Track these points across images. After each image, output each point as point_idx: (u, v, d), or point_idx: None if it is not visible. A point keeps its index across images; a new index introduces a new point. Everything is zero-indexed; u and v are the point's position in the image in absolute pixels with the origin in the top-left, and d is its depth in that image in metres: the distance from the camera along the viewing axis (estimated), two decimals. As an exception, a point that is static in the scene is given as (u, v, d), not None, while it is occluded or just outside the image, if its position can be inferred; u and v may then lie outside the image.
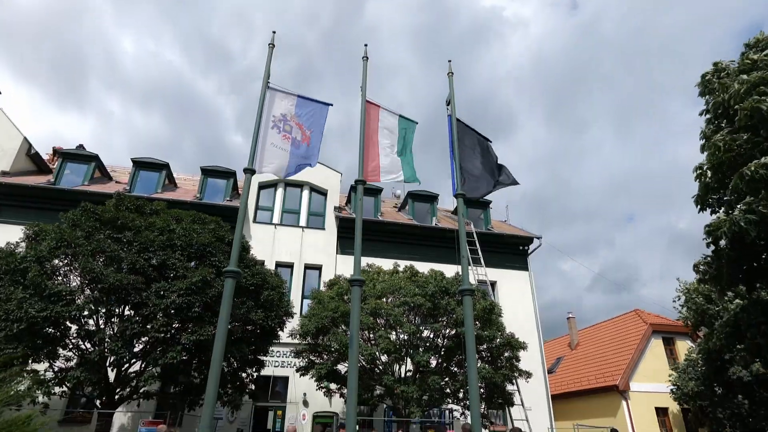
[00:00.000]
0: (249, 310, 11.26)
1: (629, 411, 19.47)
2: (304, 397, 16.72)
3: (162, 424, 9.14)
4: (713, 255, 10.06)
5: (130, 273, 9.51)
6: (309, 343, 13.44)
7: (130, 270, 9.59)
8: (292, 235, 19.14)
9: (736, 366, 16.69)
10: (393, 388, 12.29)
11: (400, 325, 12.04)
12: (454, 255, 19.04)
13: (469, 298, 4.79)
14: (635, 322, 22.76)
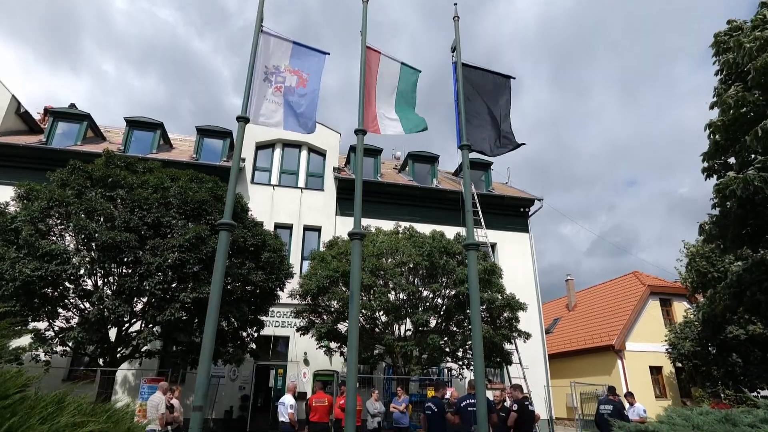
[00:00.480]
0: (249, 271, 11.15)
1: (624, 369, 19.83)
2: (305, 356, 16.92)
3: (163, 382, 9.17)
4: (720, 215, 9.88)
5: (124, 231, 9.31)
6: (309, 303, 13.44)
7: (124, 228, 9.39)
8: (290, 196, 18.88)
9: (733, 326, 16.89)
10: (393, 346, 12.37)
11: (399, 284, 11.97)
12: (454, 216, 18.96)
13: (474, 253, 4.60)
14: (633, 284, 22.89)
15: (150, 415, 8.19)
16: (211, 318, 3.88)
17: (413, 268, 12.97)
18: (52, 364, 13.80)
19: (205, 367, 3.78)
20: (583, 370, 20.86)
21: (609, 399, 9.43)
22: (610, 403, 9.16)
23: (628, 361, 20.00)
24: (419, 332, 13.03)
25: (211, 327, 3.86)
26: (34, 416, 3.14)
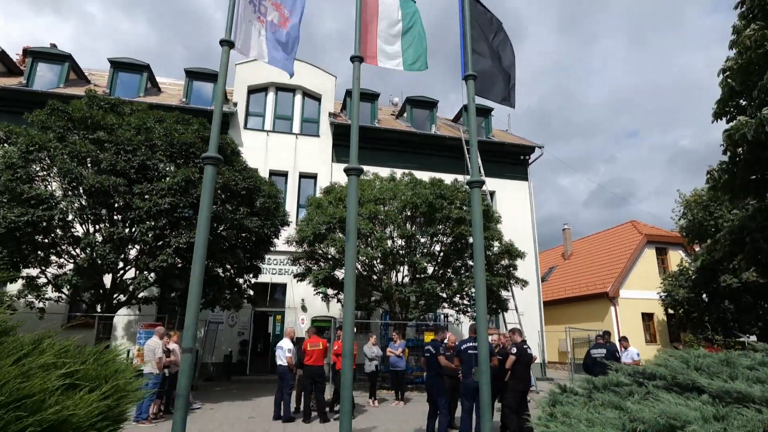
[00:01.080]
0: (243, 216, 10.89)
1: (617, 316, 20.18)
2: (303, 302, 17.04)
3: (160, 327, 9.13)
4: (728, 162, 9.56)
5: (111, 175, 8.94)
6: (306, 250, 13.31)
7: (111, 172, 9.01)
8: (285, 142, 18.35)
9: (727, 275, 17.01)
10: (390, 292, 12.36)
11: (397, 227, 11.78)
12: (453, 164, 18.63)
13: (478, 190, 4.31)
14: (630, 233, 22.90)
15: (147, 358, 8.18)
16: (198, 257, 3.63)
17: (411, 216, 12.76)
18: (50, 311, 13.85)
19: (193, 308, 3.57)
20: (576, 317, 21.24)
21: (600, 343, 9.49)
22: (602, 347, 9.22)
23: (620, 308, 20.33)
24: (416, 279, 13.00)
25: (198, 267, 3.62)
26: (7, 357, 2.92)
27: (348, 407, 3.55)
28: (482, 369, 3.91)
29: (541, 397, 6.63)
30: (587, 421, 4.95)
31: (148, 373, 8.10)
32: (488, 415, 3.81)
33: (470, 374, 6.47)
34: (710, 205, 18.47)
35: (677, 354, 6.55)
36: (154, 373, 8.11)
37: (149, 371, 8.12)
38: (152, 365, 8.13)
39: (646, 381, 6.10)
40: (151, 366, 8.11)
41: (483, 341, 3.97)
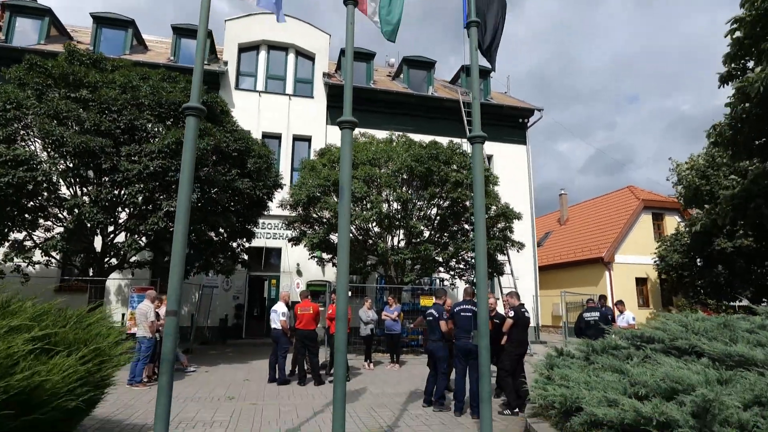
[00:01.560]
0: (234, 178, 10.59)
1: (611, 281, 20.30)
2: (298, 267, 16.95)
3: (151, 290, 8.97)
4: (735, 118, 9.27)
5: (96, 135, 8.55)
6: (300, 213, 13.09)
7: (95, 132, 8.62)
8: (278, 103, 17.79)
9: (722, 239, 17.00)
10: (386, 256, 12.23)
11: (393, 189, 11.54)
12: (451, 127, 18.21)
13: (480, 146, 4.05)
14: (627, 198, 22.77)
15: (139, 322, 8.05)
16: (181, 216, 3.39)
17: (407, 179, 12.51)
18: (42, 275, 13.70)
19: (177, 270, 3.35)
20: (570, 282, 21.34)
21: (592, 306, 9.45)
22: (595, 311, 9.17)
23: (615, 273, 20.43)
24: (412, 243, 12.87)
25: (181, 227, 3.38)
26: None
27: (342, 372, 3.40)
28: (482, 332, 3.76)
29: (537, 360, 6.59)
30: (586, 384, 4.87)
31: (140, 336, 8.01)
32: (487, 378, 3.68)
33: (463, 337, 6.38)
34: (707, 171, 18.26)
35: (675, 318, 6.46)
36: (146, 336, 8.01)
37: (142, 335, 8.02)
38: (144, 329, 8.02)
39: (644, 344, 6.04)
40: (143, 330, 8.01)
41: (483, 303, 3.80)
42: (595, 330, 8.88)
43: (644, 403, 3.59)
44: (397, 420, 5.95)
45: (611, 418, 3.60)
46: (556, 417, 4.53)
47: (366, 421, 5.83)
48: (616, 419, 3.58)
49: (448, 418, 6.07)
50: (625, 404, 3.55)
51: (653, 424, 3.20)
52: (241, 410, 6.34)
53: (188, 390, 7.65)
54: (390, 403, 6.96)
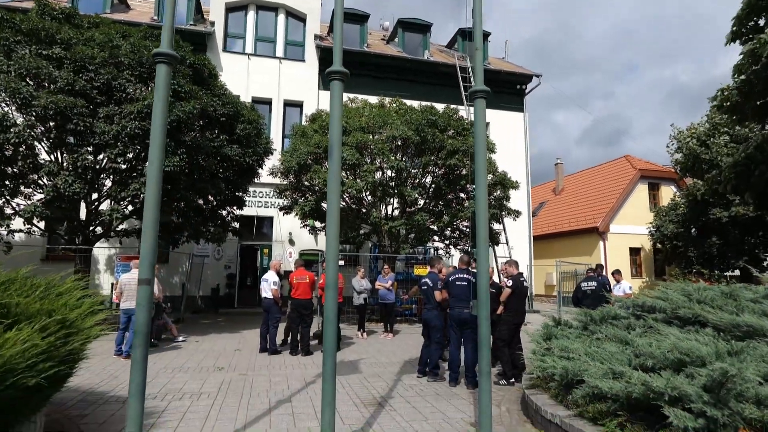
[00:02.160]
0: (223, 144, 10.15)
1: (605, 251, 20.27)
2: (290, 236, 16.69)
3: (137, 259, 8.65)
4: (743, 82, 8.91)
5: (69, 95, 8.04)
6: (291, 181, 12.72)
7: (69, 92, 8.10)
8: (268, 67, 17.11)
9: (717, 209, 16.88)
10: (380, 225, 11.97)
11: (386, 159, 11.17)
12: (446, 93, 17.66)
13: (482, 102, 3.71)
14: (624, 168, 22.53)
15: (126, 292, 7.76)
16: (153, 175, 3.06)
17: (401, 146, 12.12)
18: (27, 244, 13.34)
19: (150, 235, 3.04)
20: (564, 251, 21.31)
21: (591, 276, 9.29)
22: (593, 280, 9.01)
23: (609, 243, 20.39)
24: (406, 212, 12.60)
25: (153, 185, 3.05)
26: None
27: (332, 344, 3.16)
28: (482, 301, 3.51)
29: (534, 330, 6.43)
30: (588, 356, 4.70)
31: (129, 308, 7.74)
32: (487, 350, 3.46)
33: (458, 306, 6.18)
34: (707, 139, 17.98)
35: (678, 287, 6.27)
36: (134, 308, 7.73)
37: (128, 306, 7.76)
38: (133, 300, 7.73)
39: (645, 314, 5.87)
40: (132, 300, 7.72)
41: (484, 271, 3.54)
42: (592, 299, 8.74)
43: (651, 376, 3.40)
44: (390, 390, 5.80)
45: (617, 392, 3.42)
46: (556, 389, 4.36)
47: (359, 392, 5.68)
48: (622, 393, 3.39)
49: (443, 389, 5.93)
50: (632, 377, 3.36)
51: (665, 399, 3.01)
52: (231, 381, 6.16)
53: (177, 360, 7.47)
54: (383, 373, 6.82)
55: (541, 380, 4.90)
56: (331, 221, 3.22)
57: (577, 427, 3.65)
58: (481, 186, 3.55)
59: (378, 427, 4.38)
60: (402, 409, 4.97)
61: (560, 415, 3.90)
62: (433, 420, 4.63)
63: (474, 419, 4.69)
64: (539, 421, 4.30)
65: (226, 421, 4.50)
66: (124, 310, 7.72)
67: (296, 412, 4.83)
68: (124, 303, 7.73)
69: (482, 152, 3.57)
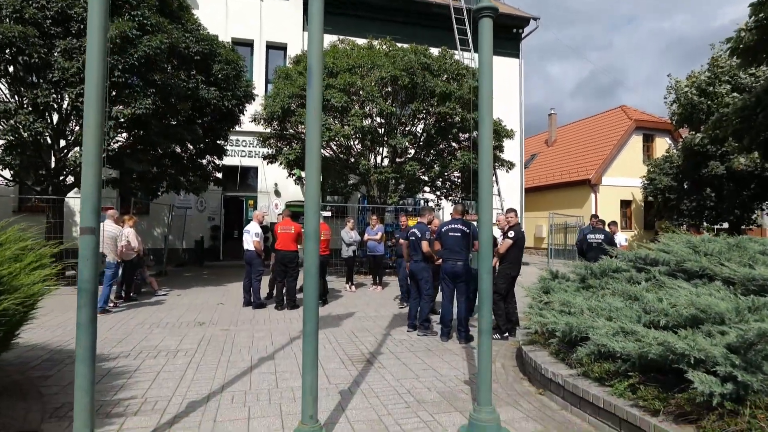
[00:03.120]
0: (198, 86, 9.37)
1: (596, 203, 20.08)
2: (276, 187, 16.14)
3: (111, 210, 8.12)
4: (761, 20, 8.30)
5: (16, 24, 7.16)
6: (275, 129, 12.03)
7: (17, 20, 7.22)
8: (249, 5, 15.89)
9: (714, 162, 16.60)
10: (368, 175, 11.46)
11: (376, 103, 10.51)
12: (440, 35, 16.63)
13: (488, 21, 3.15)
14: (619, 119, 21.99)
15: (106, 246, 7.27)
16: (92, 89, 2.51)
17: (391, 92, 11.42)
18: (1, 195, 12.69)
19: (91, 172, 2.54)
20: (555, 204, 21.10)
21: (599, 228, 8.98)
22: (600, 233, 8.72)
23: (601, 195, 20.17)
24: (396, 163, 12.06)
25: (93, 113, 2.51)
26: None
27: (312, 298, 2.76)
28: (484, 254, 3.11)
29: (531, 284, 6.15)
30: (591, 311, 4.40)
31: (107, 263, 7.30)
32: (488, 307, 3.10)
33: (451, 258, 5.83)
34: (707, 88, 17.43)
35: (682, 238, 5.95)
36: (110, 260, 7.27)
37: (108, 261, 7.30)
38: (109, 252, 7.27)
39: (648, 267, 5.57)
40: (110, 254, 7.26)
41: (487, 220, 3.11)
42: (596, 252, 8.50)
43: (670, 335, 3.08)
44: (380, 346, 5.52)
45: (629, 351, 3.10)
46: (557, 346, 4.07)
47: (346, 348, 5.39)
48: (635, 352, 3.07)
49: (435, 344, 5.68)
50: (647, 336, 3.03)
51: (686, 361, 2.69)
52: (211, 337, 5.84)
53: (156, 315, 7.13)
54: (372, 327, 6.56)
55: (539, 336, 4.62)
56: (312, 160, 2.73)
57: (581, 388, 3.37)
58: (486, 119, 3.07)
59: (366, 386, 4.10)
60: (392, 367, 4.69)
61: (562, 374, 3.62)
62: (425, 378, 4.35)
63: (468, 376, 4.43)
64: (538, 379, 4.04)
65: (203, 381, 4.18)
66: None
67: (279, 370, 4.52)
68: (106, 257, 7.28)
69: (488, 79, 3.05)
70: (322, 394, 3.85)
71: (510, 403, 3.76)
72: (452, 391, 4.00)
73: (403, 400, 3.78)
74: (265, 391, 3.93)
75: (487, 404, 3.00)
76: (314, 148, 2.74)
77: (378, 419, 3.38)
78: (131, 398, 3.73)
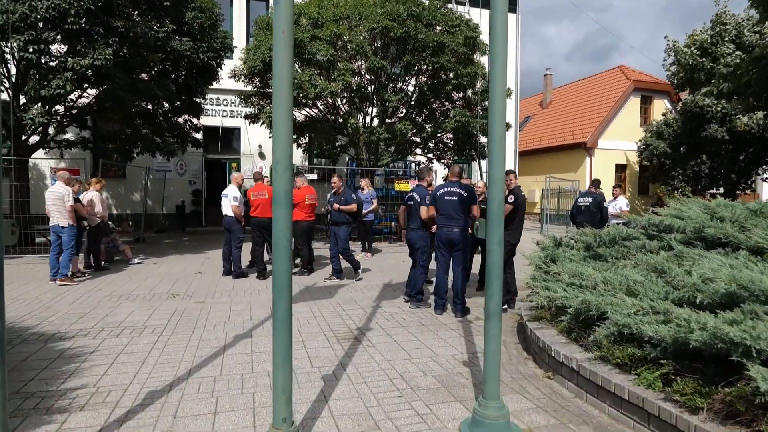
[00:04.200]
0: (169, 35, 8.49)
1: (591, 167, 19.61)
2: (260, 148, 15.38)
3: (63, 171, 7.36)
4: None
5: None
6: (257, 85, 11.19)
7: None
8: (225, -51, 14.61)
9: (714, 125, 16.09)
10: (357, 135, 10.79)
11: (365, 58, 9.72)
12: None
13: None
14: (618, 79, 21.23)
15: (53, 208, 6.62)
16: None
17: (381, 47, 10.59)
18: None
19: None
20: (549, 168, 20.59)
21: (589, 192, 8.51)
22: (589, 195, 8.26)
23: (596, 159, 19.69)
24: (386, 123, 11.35)
25: None
26: None
27: (285, 278, 2.21)
28: (493, 220, 2.57)
29: (533, 252, 5.68)
30: (606, 284, 3.93)
31: (57, 225, 6.66)
32: (497, 284, 2.59)
33: (447, 225, 5.32)
34: (709, 47, 16.72)
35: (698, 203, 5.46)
36: (63, 225, 6.62)
37: (55, 222, 6.66)
38: (62, 216, 6.62)
39: (661, 234, 5.11)
40: (61, 217, 6.62)
41: (498, 178, 2.56)
42: (584, 216, 8.07)
43: (714, 317, 2.61)
44: (368, 320, 5.06)
45: (663, 336, 2.63)
46: (568, 324, 3.61)
47: (332, 323, 4.92)
48: (669, 337, 2.60)
49: (428, 318, 5.23)
50: (690, 319, 2.55)
51: (739, 351, 2.22)
52: (184, 311, 5.32)
53: (126, 286, 6.58)
54: (361, 298, 6.09)
55: (545, 311, 4.17)
56: (281, 99, 2.12)
57: (600, 375, 2.92)
58: (499, 61, 2.46)
59: (354, 369, 3.63)
60: (382, 345, 4.23)
61: (577, 358, 3.17)
62: (419, 358, 3.90)
63: (467, 356, 3.99)
64: (546, 361, 3.60)
65: (168, 364, 3.68)
66: (52, 227, 6.65)
67: (256, 350, 4.04)
68: (52, 221, 6.63)
69: (502, 18, 2.43)
70: (303, 380, 3.38)
71: (516, 390, 3.32)
72: (450, 375, 3.56)
73: (395, 386, 3.32)
74: (238, 377, 3.45)
75: (494, 398, 2.54)
76: (284, 80, 2.12)
77: (366, 412, 2.92)
78: (81, 387, 3.22)
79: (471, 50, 10.62)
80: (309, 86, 9.47)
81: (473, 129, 10.95)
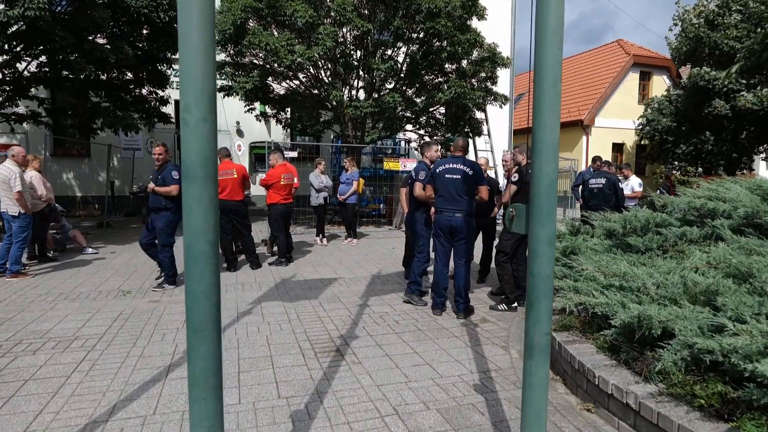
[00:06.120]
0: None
1: (587, 145, 18.83)
2: (238, 125, 14.25)
3: (16, 146, 6.32)
4: None
5: None
6: (230, 53, 10.06)
7: None
8: None
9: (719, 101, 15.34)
10: (341, 109, 9.77)
11: (348, 21, 8.65)
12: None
13: None
14: (616, 54, 20.30)
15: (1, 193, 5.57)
16: None
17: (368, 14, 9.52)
18: None
19: None
20: (544, 147, 19.74)
21: (602, 171, 7.65)
22: (602, 176, 7.43)
23: (593, 137, 18.90)
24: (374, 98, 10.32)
25: None
26: None
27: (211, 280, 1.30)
28: (541, 206, 1.68)
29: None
30: (660, 287, 3.05)
31: (3, 212, 5.64)
32: (546, 306, 1.71)
33: (447, 208, 4.44)
34: (715, 19, 15.89)
35: (743, 183, 4.62)
36: (14, 213, 5.60)
37: (4, 210, 5.64)
38: (11, 201, 5.58)
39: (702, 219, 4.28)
40: (10, 203, 5.57)
41: (549, 145, 1.66)
42: (598, 199, 7.26)
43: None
44: (354, 324, 4.19)
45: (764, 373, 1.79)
46: (612, 338, 2.77)
47: (310, 329, 4.03)
48: None
49: (424, 318, 4.39)
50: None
51: None
52: (131, 314, 4.40)
53: (70, 282, 5.61)
54: (345, 294, 5.21)
55: (574, 318, 3.34)
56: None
57: (677, 422, 2.08)
58: None
59: (334, 400, 2.77)
60: (370, 361, 3.37)
61: (636, 393, 2.33)
62: (418, 381, 3.05)
63: (478, 376, 3.15)
64: (584, 387, 2.77)
65: (87, 397, 2.77)
66: (2, 214, 5.65)
67: (209, 371, 3.13)
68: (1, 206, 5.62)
69: None
70: (265, 421, 2.51)
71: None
72: (459, 408, 2.71)
73: (388, 430, 2.46)
74: (177, 416, 2.56)
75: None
76: None
77: (349, 478, 2.06)
78: (-49, 440, 2.30)
79: (468, 14, 9.58)
80: (285, 53, 8.40)
81: (469, 102, 9.98)
